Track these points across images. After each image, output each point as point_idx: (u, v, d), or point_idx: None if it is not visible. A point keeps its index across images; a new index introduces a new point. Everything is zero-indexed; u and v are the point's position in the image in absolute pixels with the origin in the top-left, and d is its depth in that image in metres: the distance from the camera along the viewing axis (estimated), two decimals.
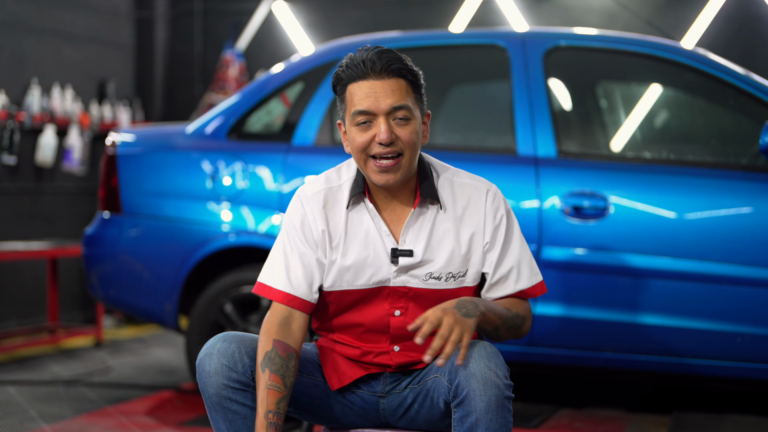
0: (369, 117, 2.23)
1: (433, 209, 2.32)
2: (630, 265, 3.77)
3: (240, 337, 2.29)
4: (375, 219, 2.32)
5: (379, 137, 2.21)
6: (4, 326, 6.34)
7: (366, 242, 2.31)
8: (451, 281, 2.33)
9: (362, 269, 2.31)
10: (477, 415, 2.13)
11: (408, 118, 2.23)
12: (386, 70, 2.22)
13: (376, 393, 2.41)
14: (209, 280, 4.29)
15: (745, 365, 3.72)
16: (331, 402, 2.39)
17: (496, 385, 2.14)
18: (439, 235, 2.31)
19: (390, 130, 2.21)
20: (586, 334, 3.84)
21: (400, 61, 2.23)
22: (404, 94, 2.23)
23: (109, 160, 4.37)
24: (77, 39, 7.04)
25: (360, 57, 2.24)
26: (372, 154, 2.24)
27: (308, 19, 7.41)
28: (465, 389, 2.14)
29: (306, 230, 2.32)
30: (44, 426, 4.11)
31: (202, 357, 2.26)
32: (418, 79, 2.28)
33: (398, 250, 2.30)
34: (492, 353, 2.18)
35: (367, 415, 2.42)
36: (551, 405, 4.53)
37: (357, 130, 2.25)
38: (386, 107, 2.22)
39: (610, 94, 4.59)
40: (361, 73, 2.23)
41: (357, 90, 2.24)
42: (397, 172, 2.25)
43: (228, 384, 2.23)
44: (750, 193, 3.74)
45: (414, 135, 2.24)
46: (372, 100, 2.21)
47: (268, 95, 4.37)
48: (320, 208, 2.32)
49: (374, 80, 2.22)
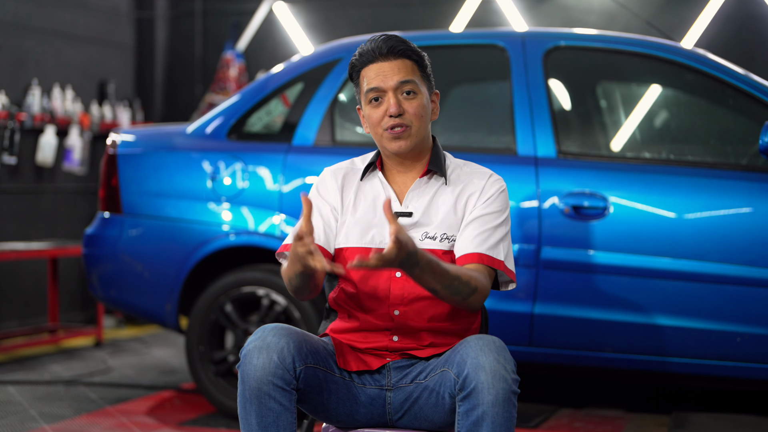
0: (379, 93, 2.46)
1: (438, 182, 2.51)
2: (630, 265, 3.77)
3: (289, 331, 2.30)
4: (383, 185, 2.51)
5: (390, 110, 2.43)
6: (5, 326, 6.34)
7: (374, 206, 2.49)
8: (446, 242, 2.44)
9: (368, 228, 2.46)
10: (484, 408, 2.15)
11: (414, 92, 2.46)
12: (392, 52, 2.46)
13: (383, 387, 2.42)
14: (209, 280, 4.29)
15: (745, 365, 3.72)
16: (341, 397, 2.41)
17: (504, 378, 2.16)
18: (438, 203, 2.48)
19: (398, 104, 2.44)
20: (586, 334, 3.84)
21: (404, 43, 2.47)
22: (410, 72, 2.46)
23: (110, 160, 4.38)
24: (77, 39, 7.05)
25: (369, 45, 2.49)
26: (386, 128, 2.45)
27: (308, 19, 7.41)
28: (473, 381, 2.16)
29: (323, 193, 2.54)
30: (44, 426, 4.11)
31: (251, 348, 2.26)
32: (423, 60, 2.50)
33: (399, 213, 2.48)
34: (500, 347, 2.21)
35: (374, 411, 2.43)
36: (551, 405, 4.53)
37: (371, 108, 2.48)
38: (394, 83, 2.44)
39: (610, 94, 4.59)
40: (371, 58, 2.47)
41: (368, 72, 2.47)
42: (407, 138, 2.45)
43: (273, 381, 2.23)
44: (750, 193, 3.74)
45: (421, 108, 2.46)
46: (381, 78, 2.45)
47: (268, 95, 4.37)
48: (339, 179, 2.55)
49: (382, 62, 2.46)
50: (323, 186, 2.56)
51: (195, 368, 4.22)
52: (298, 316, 4.09)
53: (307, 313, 4.08)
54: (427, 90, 2.50)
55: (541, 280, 3.85)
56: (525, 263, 3.84)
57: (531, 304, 3.86)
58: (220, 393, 4.19)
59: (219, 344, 4.28)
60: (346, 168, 2.58)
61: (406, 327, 2.42)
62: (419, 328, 2.43)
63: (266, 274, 4.13)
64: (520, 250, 3.84)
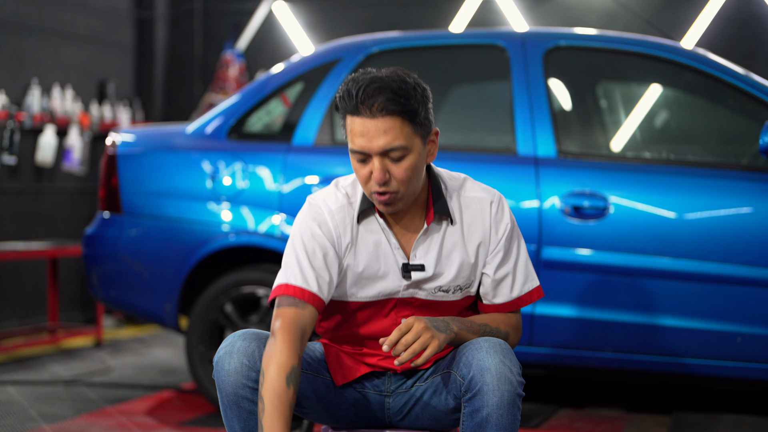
0: (364, 155, 2.21)
1: (443, 224, 2.34)
2: (630, 265, 3.77)
3: (259, 336, 2.28)
4: (385, 232, 2.32)
5: (374, 177, 2.20)
6: (4, 326, 6.34)
7: (377, 255, 2.32)
8: (458, 293, 2.37)
9: (372, 281, 2.33)
10: (489, 410, 2.14)
11: (403, 156, 2.20)
12: (379, 110, 2.16)
13: (381, 392, 2.41)
14: (209, 280, 4.29)
15: (745, 365, 3.72)
16: (337, 401, 2.39)
17: (509, 381, 2.15)
18: (449, 249, 2.34)
19: (383, 170, 2.19)
20: (586, 334, 3.83)
21: (393, 102, 2.16)
22: (398, 133, 2.18)
23: (109, 160, 4.37)
24: (77, 39, 7.04)
25: (354, 88, 2.18)
26: (372, 192, 2.25)
27: (308, 19, 7.41)
28: (479, 383, 2.15)
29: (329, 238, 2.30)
30: (44, 426, 4.11)
31: (222, 355, 2.24)
32: (417, 111, 2.20)
33: (410, 265, 2.32)
34: (506, 350, 2.20)
35: (372, 415, 2.42)
36: (551, 405, 4.53)
37: (356, 161, 2.24)
38: (378, 149, 2.18)
39: (610, 94, 4.59)
40: (354, 109, 2.18)
41: (352, 125, 2.20)
42: (396, 204, 2.25)
43: (247, 384, 2.22)
44: (750, 193, 3.74)
45: (409, 171, 2.20)
46: (365, 140, 2.18)
47: (268, 95, 4.37)
48: (340, 221, 2.32)
49: (367, 119, 2.17)
50: (324, 226, 2.31)
51: (195, 368, 4.22)
52: None
53: None
54: (421, 140, 2.23)
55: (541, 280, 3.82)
56: None
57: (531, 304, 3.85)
58: None
59: (219, 344, 4.27)
60: (343, 207, 2.33)
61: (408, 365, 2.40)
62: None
63: (266, 274, 4.13)
64: None
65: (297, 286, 2.26)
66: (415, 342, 2.15)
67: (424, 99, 2.21)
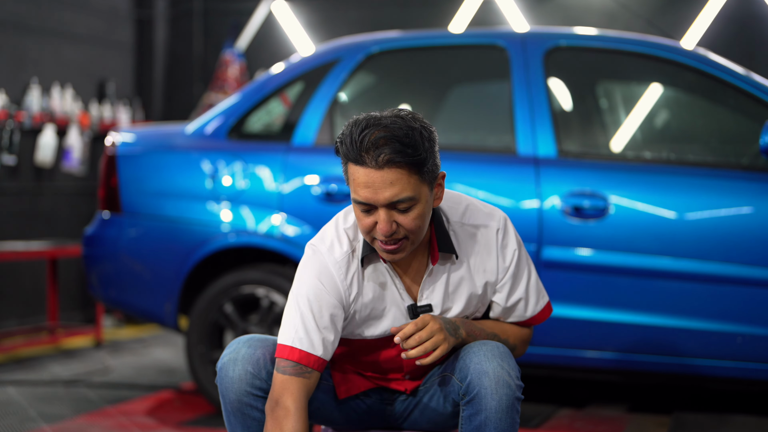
0: (369, 206, 2.11)
1: (448, 260, 2.28)
2: (630, 265, 3.77)
3: (264, 342, 2.27)
4: (391, 275, 2.27)
5: (380, 229, 2.11)
6: (4, 326, 6.33)
7: (383, 297, 2.27)
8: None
9: (379, 323, 2.30)
10: (487, 413, 2.13)
11: (410, 207, 2.10)
12: (384, 162, 2.05)
13: (383, 401, 2.41)
14: (209, 280, 4.28)
15: (746, 365, 3.72)
16: (337, 405, 2.39)
17: (508, 384, 2.14)
18: (455, 284, 2.29)
19: (390, 221, 2.10)
20: (586, 334, 3.83)
21: (400, 154, 2.04)
22: (405, 185, 2.07)
23: (109, 160, 4.37)
24: (77, 39, 7.04)
25: (358, 136, 2.06)
26: (377, 240, 2.16)
27: (308, 19, 7.41)
28: (477, 387, 2.14)
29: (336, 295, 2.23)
30: (44, 426, 4.10)
31: (226, 362, 2.23)
32: (425, 161, 2.08)
33: (418, 307, 2.27)
34: (504, 353, 2.19)
35: (372, 419, 2.42)
36: (551, 405, 4.52)
37: (359, 211, 2.14)
38: (384, 201, 2.08)
39: (610, 94, 4.59)
40: (357, 158, 2.07)
41: (355, 174, 2.09)
42: (403, 251, 2.16)
43: (251, 391, 2.21)
44: (750, 193, 3.73)
45: (418, 220, 2.12)
46: (370, 192, 2.07)
47: (268, 95, 4.36)
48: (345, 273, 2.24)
49: (372, 170, 2.06)
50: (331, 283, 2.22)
51: (195, 368, 4.22)
52: None
53: None
54: (429, 187, 2.13)
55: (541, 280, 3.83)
56: None
57: None
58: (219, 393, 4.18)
59: (219, 344, 4.27)
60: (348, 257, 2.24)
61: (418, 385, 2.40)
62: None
63: (266, 274, 4.12)
64: None
65: (303, 351, 2.18)
66: (429, 341, 2.14)
67: (431, 145, 2.11)
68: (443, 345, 2.16)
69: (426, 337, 2.14)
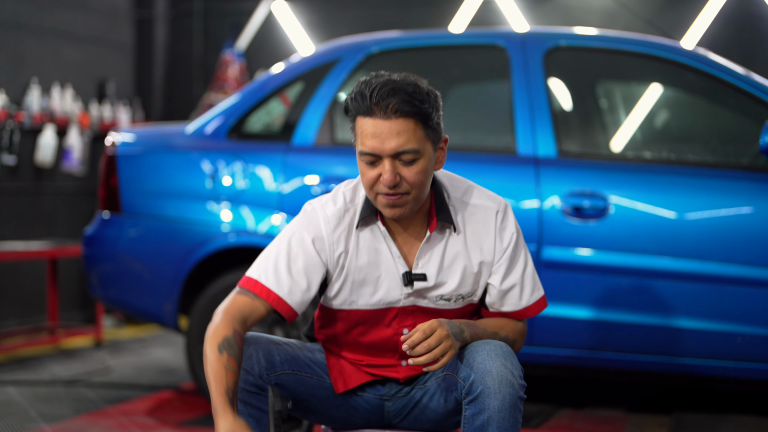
0: (374, 158, 2.17)
1: (446, 232, 2.30)
2: (630, 265, 3.77)
3: (256, 339, 2.28)
4: (387, 241, 2.29)
5: (384, 179, 2.16)
6: (4, 326, 6.34)
7: (377, 263, 2.29)
8: (460, 301, 2.34)
9: (373, 291, 2.30)
10: (490, 413, 2.13)
11: (415, 159, 2.17)
12: (393, 111, 2.14)
13: (381, 397, 2.41)
14: (209, 280, 4.29)
15: (745, 365, 3.72)
16: (336, 404, 2.39)
17: (510, 384, 2.14)
18: (451, 258, 2.30)
19: (394, 172, 2.16)
20: (586, 334, 3.83)
21: (407, 103, 2.14)
22: (411, 136, 2.15)
23: (109, 160, 4.37)
24: (77, 39, 7.04)
25: (368, 90, 2.16)
26: (379, 193, 2.20)
27: (308, 19, 7.41)
28: (480, 386, 2.14)
29: (319, 247, 2.28)
30: (44, 426, 4.11)
31: None
32: (429, 112, 2.17)
33: (412, 274, 2.28)
34: (507, 352, 2.19)
35: (371, 417, 2.42)
36: (551, 405, 4.53)
37: (364, 165, 2.20)
38: (390, 150, 2.15)
39: (610, 94, 4.59)
40: (367, 110, 2.16)
41: (363, 126, 2.17)
42: (404, 206, 2.21)
43: (244, 387, 2.22)
44: (750, 193, 3.74)
45: (421, 174, 2.18)
46: (377, 141, 2.15)
47: (268, 95, 4.36)
48: (334, 228, 2.28)
49: (380, 119, 2.14)
50: (320, 241, 2.27)
51: (195, 368, 4.22)
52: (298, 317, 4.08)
53: (307, 313, 4.07)
54: (432, 145, 2.21)
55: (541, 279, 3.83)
56: None
57: None
58: None
59: None
60: (340, 213, 2.29)
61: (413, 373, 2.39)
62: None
63: None
64: None
65: (264, 286, 2.25)
66: (437, 348, 2.14)
67: (436, 105, 2.19)
68: (450, 351, 2.16)
69: (435, 345, 2.14)
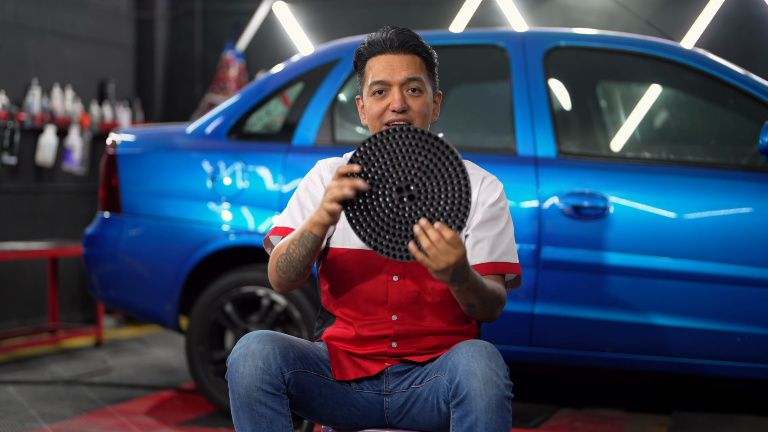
0: (384, 87, 2.41)
1: None
2: (630, 265, 3.77)
3: (273, 338, 2.29)
4: None
5: (393, 105, 2.39)
6: (5, 326, 6.34)
7: None
8: None
9: None
10: (477, 414, 2.13)
11: (420, 90, 2.42)
12: (403, 46, 2.42)
13: (381, 392, 2.42)
14: (209, 280, 4.29)
15: (745, 365, 3.73)
16: (338, 402, 2.40)
17: (496, 384, 2.14)
18: None
19: (402, 99, 2.40)
20: (586, 334, 3.84)
21: (416, 39, 2.44)
22: (418, 69, 2.42)
23: (110, 160, 4.38)
24: (77, 39, 7.05)
25: (380, 35, 2.44)
26: (386, 122, 2.41)
27: (308, 19, 7.41)
28: (465, 388, 2.15)
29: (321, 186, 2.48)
30: (44, 426, 4.11)
31: (237, 357, 2.26)
32: (432, 58, 2.47)
33: None
34: (492, 353, 2.19)
35: (372, 415, 2.43)
36: (551, 405, 4.53)
37: (373, 100, 2.43)
38: (401, 78, 2.40)
39: (610, 94, 4.59)
40: (381, 48, 2.43)
41: (375, 63, 2.43)
42: None
43: (261, 387, 2.23)
44: (750, 193, 3.74)
45: (425, 107, 2.42)
46: (389, 71, 2.41)
47: (268, 95, 4.37)
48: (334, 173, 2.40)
49: (392, 54, 2.42)
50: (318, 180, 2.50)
51: (195, 368, 4.22)
52: (298, 317, 4.09)
53: (307, 313, 4.08)
54: (432, 90, 2.47)
55: (541, 280, 3.85)
56: (525, 263, 3.84)
57: (531, 304, 3.86)
58: (220, 393, 4.19)
59: (219, 344, 4.28)
60: (338, 162, 2.51)
61: (404, 333, 2.41)
62: (418, 333, 2.41)
63: (266, 275, 4.13)
64: (520, 250, 3.84)
65: (284, 227, 2.48)
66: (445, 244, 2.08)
67: (434, 59, 2.48)
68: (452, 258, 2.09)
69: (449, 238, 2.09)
